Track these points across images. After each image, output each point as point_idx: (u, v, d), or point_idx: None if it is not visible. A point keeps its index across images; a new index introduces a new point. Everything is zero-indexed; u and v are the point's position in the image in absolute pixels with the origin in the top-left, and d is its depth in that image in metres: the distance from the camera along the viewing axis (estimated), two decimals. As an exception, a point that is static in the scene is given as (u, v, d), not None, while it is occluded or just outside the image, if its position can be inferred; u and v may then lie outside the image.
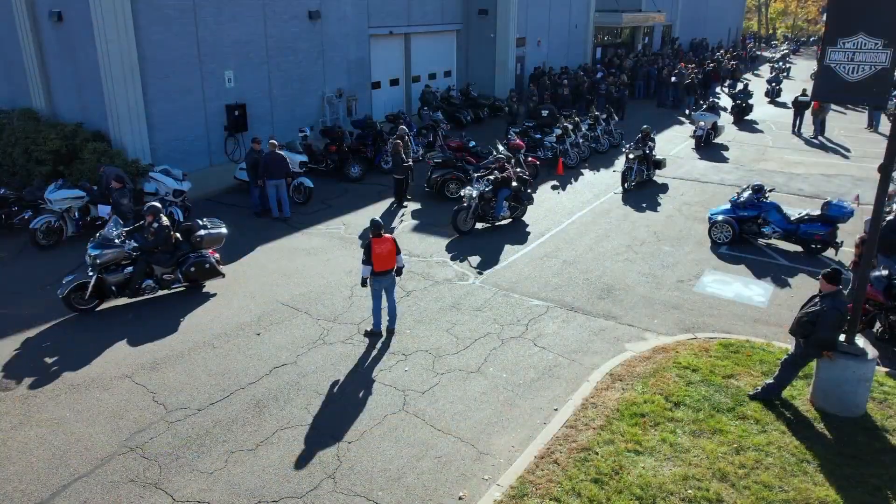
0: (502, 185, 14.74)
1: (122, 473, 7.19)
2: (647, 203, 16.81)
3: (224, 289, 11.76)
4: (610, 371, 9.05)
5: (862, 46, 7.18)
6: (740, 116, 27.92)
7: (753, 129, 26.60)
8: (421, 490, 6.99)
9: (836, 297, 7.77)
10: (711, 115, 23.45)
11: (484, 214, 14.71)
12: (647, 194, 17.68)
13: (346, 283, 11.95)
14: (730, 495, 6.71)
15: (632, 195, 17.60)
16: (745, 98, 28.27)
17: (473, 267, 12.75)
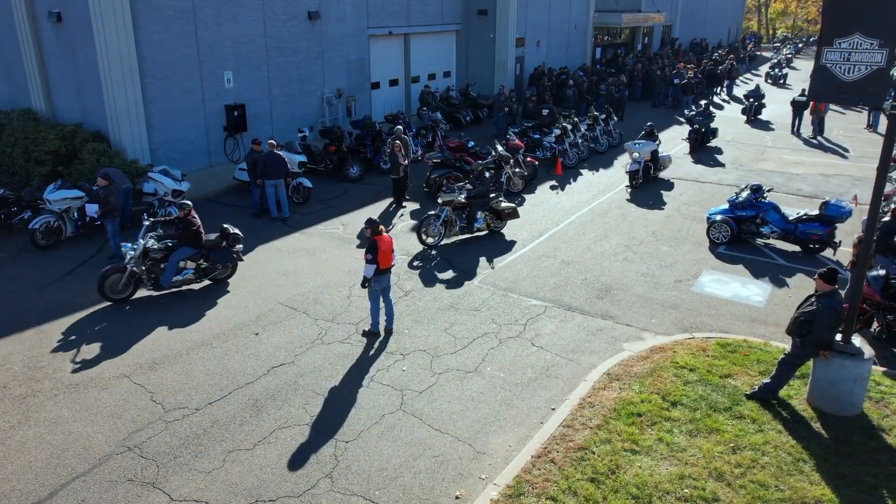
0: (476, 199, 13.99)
1: (119, 473, 7.21)
2: (650, 202, 16.83)
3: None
4: (607, 371, 9.06)
5: (858, 46, 7.19)
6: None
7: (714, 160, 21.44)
8: (418, 489, 7.01)
9: (833, 297, 7.78)
10: (648, 142, 18.70)
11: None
12: (652, 192, 17.75)
13: (344, 284, 11.97)
14: (726, 494, 6.72)
15: (637, 193, 17.67)
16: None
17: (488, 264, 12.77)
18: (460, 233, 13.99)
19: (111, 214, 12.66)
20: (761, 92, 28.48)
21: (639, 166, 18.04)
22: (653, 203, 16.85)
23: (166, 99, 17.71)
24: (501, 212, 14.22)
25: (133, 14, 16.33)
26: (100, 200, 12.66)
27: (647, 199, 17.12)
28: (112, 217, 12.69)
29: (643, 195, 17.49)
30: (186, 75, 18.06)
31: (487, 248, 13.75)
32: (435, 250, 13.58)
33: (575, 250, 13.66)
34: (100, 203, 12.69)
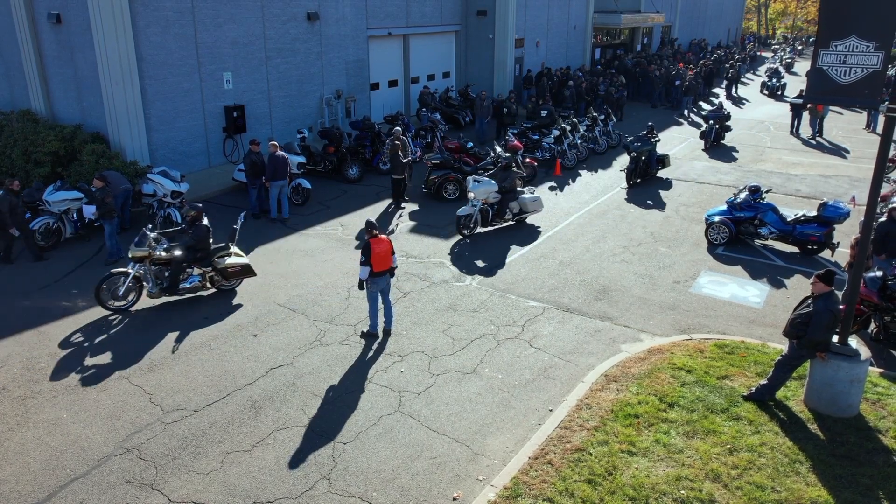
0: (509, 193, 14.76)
1: (118, 474, 7.23)
2: (647, 202, 16.84)
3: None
4: (605, 372, 9.08)
5: (854, 49, 7.21)
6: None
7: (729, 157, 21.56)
8: (416, 491, 7.03)
9: (830, 299, 7.80)
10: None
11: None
12: (650, 192, 17.82)
13: (343, 285, 11.99)
14: (722, 496, 6.75)
15: (634, 193, 17.77)
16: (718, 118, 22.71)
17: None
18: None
19: (109, 216, 12.68)
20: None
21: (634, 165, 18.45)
22: (651, 204, 16.87)
23: (165, 100, 17.74)
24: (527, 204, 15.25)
25: (132, 15, 16.36)
26: (97, 202, 12.67)
27: (646, 200, 17.14)
28: (110, 218, 12.72)
29: (642, 195, 17.50)
30: (185, 76, 18.08)
31: (487, 249, 13.78)
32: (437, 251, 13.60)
33: (573, 251, 13.69)
34: (97, 205, 12.69)
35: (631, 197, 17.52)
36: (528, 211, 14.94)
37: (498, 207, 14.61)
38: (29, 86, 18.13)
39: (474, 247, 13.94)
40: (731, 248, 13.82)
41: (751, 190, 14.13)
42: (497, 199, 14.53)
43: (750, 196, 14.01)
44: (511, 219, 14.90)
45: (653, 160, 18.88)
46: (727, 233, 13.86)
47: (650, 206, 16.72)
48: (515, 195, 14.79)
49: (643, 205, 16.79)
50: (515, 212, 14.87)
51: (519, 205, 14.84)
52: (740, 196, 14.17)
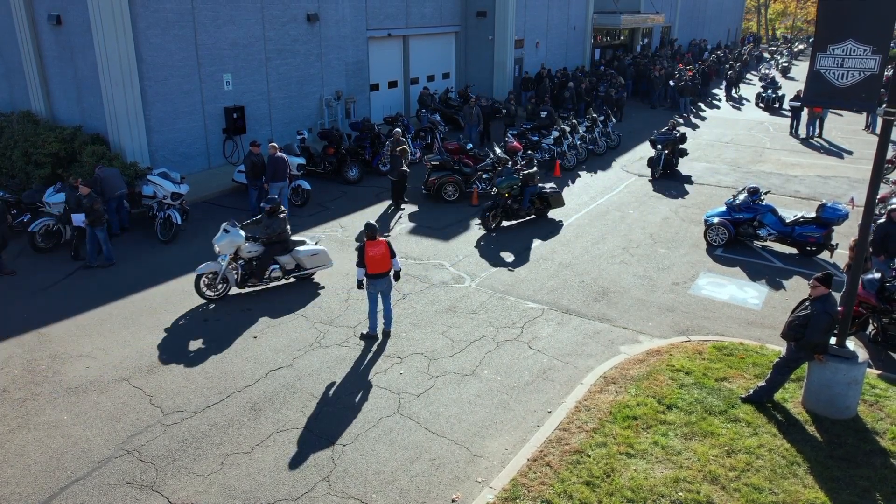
0: (529, 183, 15.10)
1: (118, 476, 7.26)
2: (648, 204, 16.87)
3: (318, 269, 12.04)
4: (603, 374, 9.11)
5: (851, 52, 7.24)
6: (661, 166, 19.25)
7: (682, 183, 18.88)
8: (415, 492, 7.06)
9: (827, 301, 7.83)
10: None
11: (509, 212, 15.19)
12: (650, 194, 17.95)
13: (342, 286, 12.02)
14: (720, 497, 6.77)
15: (656, 183, 18.65)
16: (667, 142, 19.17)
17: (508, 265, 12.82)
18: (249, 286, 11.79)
19: (98, 222, 12.49)
20: (675, 134, 19.69)
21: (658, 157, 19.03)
22: (651, 205, 16.90)
23: (165, 101, 17.77)
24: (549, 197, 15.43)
25: (132, 17, 16.39)
26: (85, 210, 12.42)
27: (645, 201, 17.17)
28: (100, 224, 12.53)
29: (641, 196, 17.54)
30: (185, 78, 18.11)
31: (485, 250, 13.80)
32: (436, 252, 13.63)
33: (572, 252, 13.71)
34: (85, 212, 12.44)
35: (655, 187, 18.42)
36: (308, 267, 11.91)
37: (258, 264, 11.52)
38: (29, 87, 18.16)
39: (474, 248, 13.96)
40: (730, 250, 13.85)
41: (750, 191, 14.15)
42: (256, 253, 11.52)
43: (749, 197, 14.03)
44: (281, 277, 11.80)
45: (676, 154, 19.42)
46: (726, 234, 13.88)
47: (649, 207, 16.73)
48: (286, 247, 11.76)
49: (642, 206, 16.81)
50: (290, 268, 11.83)
51: (294, 260, 11.82)
52: (739, 197, 14.19)
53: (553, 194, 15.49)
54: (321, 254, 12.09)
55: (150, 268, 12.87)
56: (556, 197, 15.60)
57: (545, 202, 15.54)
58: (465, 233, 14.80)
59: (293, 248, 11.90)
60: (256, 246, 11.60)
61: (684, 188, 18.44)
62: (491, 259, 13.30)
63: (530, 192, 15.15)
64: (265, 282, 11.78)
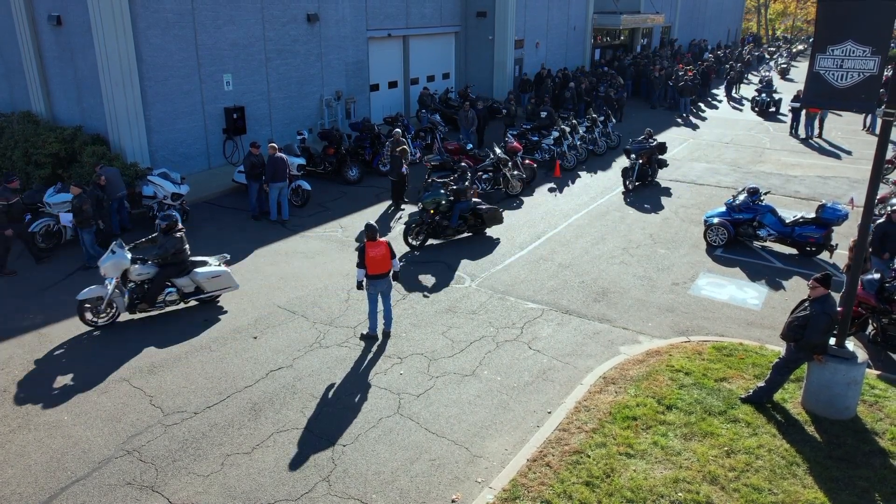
0: (460, 198, 14.02)
1: (118, 476, 7.27)
2: (647, 205, 16.87)
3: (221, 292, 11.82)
4: (603, 374, 9.12)
5: (850, 53, 7.25)
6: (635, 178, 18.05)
7: None
8: (414, 493, 7.07)
9: (827, 302, 7.84)
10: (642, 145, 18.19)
11: (437, 229, 13.86)
12: (650, 195, 17.75)
13: (342, 287, 12.03)
14: (720, 498, 6.78)
15: (632, 196, 17.65)
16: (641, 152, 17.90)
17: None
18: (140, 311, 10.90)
19: (87, 224, 12.42)
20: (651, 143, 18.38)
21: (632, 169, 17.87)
22: (650, 206, 16.91)
23: (166, 101, 17.78)
24: (483, 214, 14.22)
25: (132, 17, 16.40)
26: (73, 210, 12.35)
27: (645, 202, 17.18)
28: (88, 226, 12.46)
29: (640, 197, 17.54)
30: (185, 78, 18.12)
31: (486, 250, 13.81)
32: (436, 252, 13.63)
33: (572, 253, 13.72)
34: (73, 213, 12.39)
35: (632, 197, 17.51)
36: (208, 291, 11.01)
37: (150, 287, 10.59)
38: (29, 87, 18.17)
39: (473, 248, 13.96)
40: (730, 250, 13.86)
41: (750, 191, 14.16)
42: (148, 275, 10.59)
43: (749, 198, 14.05)
44: (179, 301, 10.94)
45: (653, 164, 18.40)
46: (726, 234, 13.89)
47: (649, 207, 16.73)
48: (183, 269, 10.83)
49: (642, 207, 16.81)
50: (189, 291, 10.92)
51: (193, 282, 10.92)
52: (739, 198, 14.20)
53: (488, 211, 14.24)
54: (223, 276, 11.10)
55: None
56: (493, 214, 14.31)
57: (479, 219, 14.30)
58: (464, 233, 14.80)
59: (192, 270, 10.87)
60: (148, 267, 10.58)
61: (660, 202, 17.12)
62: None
63: (461, 209, 13.95)
64: (159, 306, 10.77)
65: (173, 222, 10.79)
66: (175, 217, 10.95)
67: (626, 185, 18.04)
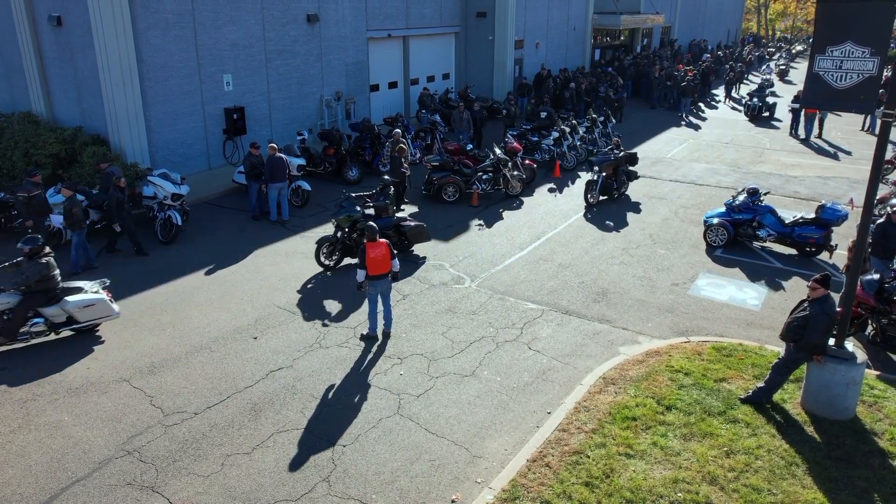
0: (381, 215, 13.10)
1: (119, 477, 7.28)
2: (608, 222, 16.73)
3: (221, 292, 11.85)
4: (603, 374, 9.13)
5: (850, 54, 7.26)
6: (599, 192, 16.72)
7: None
8: (414, 493, 7.08)
9: (826, 302, 7.85)
10: None
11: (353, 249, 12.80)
12: (612, 211, 16.33)
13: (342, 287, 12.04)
14: (719, 498, 6.79)
15: (594, 212, 16.27)
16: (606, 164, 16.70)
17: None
18: None
19: (76, 226, 12.34)
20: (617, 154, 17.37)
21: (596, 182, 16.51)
22: (650, 206, 16.92)
23: (166, 102, 17.79)
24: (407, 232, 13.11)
25: (132, 17, 16.41)
26: (64, 213, 12.26)
27: (608, 219, 17.18)
28: (78, 229, 12.39)
29: (603, 214, 17.53)
30: (186, 78, 18.13)
31: (485, 251, 13.82)
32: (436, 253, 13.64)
33: (572, 253, 13.73)
34: (64, 216, 12.30)
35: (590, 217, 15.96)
36: (81, 321, 9.99)
37: (11, 318, 9.62)
38: (29, 87, 18.18)
39: (473, 249, 13.97)
40: (730, 250, 13.87)
41: (749, 192, 14.17)
42: (8, 305, 9.63)
43: (748, 198, 14.06)
44: (48, 332, 9.96)
45: (619, 176, 17.00)
46: (725, 235, 13.90)
47: (649, 208, 16.72)
48: (52, 297, 9.83)
49: (641, 207, 16.79)
50: (60, 321, 9.93)
51: (64, 312, 9.88)
52: (739, 198, 14.21)
53: (413, 228, 13.18)
54: (99, 304, 10.00)
55: (150, 269, 12.89)
56: (418, 231, 13.27)
57: (403, 237, 13.20)
58: (464, 233, 14.82)
59: (62, 298, 9.81)
60: (10, 296, 9.57)
61: (625, 218, 15.69)
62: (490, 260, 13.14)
63: (381, 226, 12.69)
64: (23, 338, 9.74)
65: (38, 246, 9.73)
66: (40, 240, 9.86)
67: (587, 199, 16.64)
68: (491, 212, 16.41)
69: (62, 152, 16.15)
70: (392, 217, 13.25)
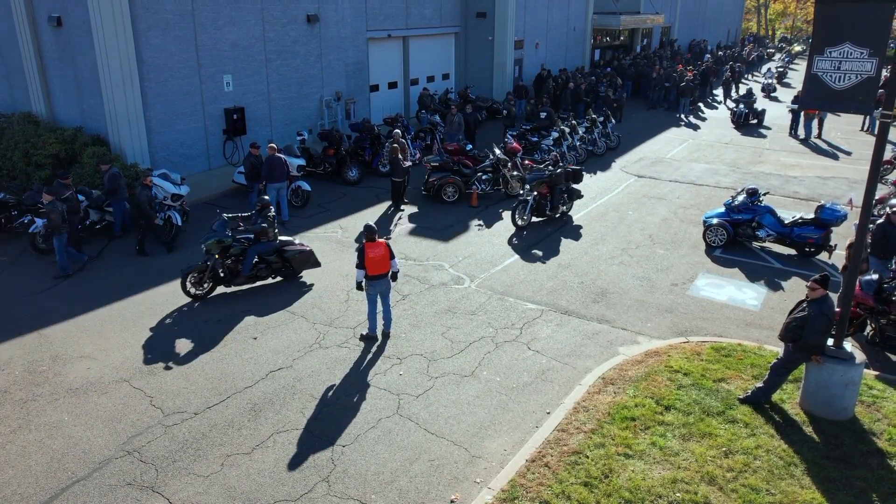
0: (260, 238, 11.82)
1: (119, 477, 7.30)
2: (646, 205, 16.86)
3: (221, 292, 11.86)
4: (602, 375, 9.15)
5: (848, 55, 7.28)
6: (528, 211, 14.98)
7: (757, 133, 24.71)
8: (414, 493, 7.09)
9: (824, 303, 7.87)
10: None
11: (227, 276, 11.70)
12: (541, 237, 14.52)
13: (342, 287, 12.05)
14: (717, 498, 6.81)
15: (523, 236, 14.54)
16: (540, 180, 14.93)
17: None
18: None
19: (57, 231, 12.26)
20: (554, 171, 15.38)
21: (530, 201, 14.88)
22: (650, 206, 16.93)
23: (166, 102, 17.81)
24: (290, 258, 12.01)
25: (132, 18, 16.43)
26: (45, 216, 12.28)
27: (645, 202, 17.20)
28: (59, 233, 12.31)
29: (532, 238, 17.52)
30: (186, 79, 18.15)
31: (485, 251, 13.83)
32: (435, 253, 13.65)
33: (571, 254, 13.74)
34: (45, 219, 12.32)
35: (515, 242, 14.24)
36: None
37: None
38: (30, 88, 18.20)
39: (473, 249, 13.99)
40: (729, 251, 13.88)
41: (749, 192, 14.18)
42: None
43: (748, 198, 14.06)
44: None
45: (555, 196, 15.19)
46: (725, 235, 13.92)
47: (648, 208, 16.72)
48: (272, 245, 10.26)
49: (641, 208, 16.79)
50: None
51: None
52: (738, 198, 14.22)
53: (298, 254, 12.06)
54: None
55: (150, 269, 12.91)
56: (303, 257, 12.14)
57: (287, 263, 12.06)
58: (464, 234, 14.84)
59: None
60: None
61: (557, 246, 13.83)
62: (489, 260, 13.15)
63: (259, 252, 11.74)
64: None
65: None
66: None
67: (514, 221, 14.81)
68: (490, 212, 16.43)
69: (62, 153, 16.17)
70: (274, 241, 11.91)
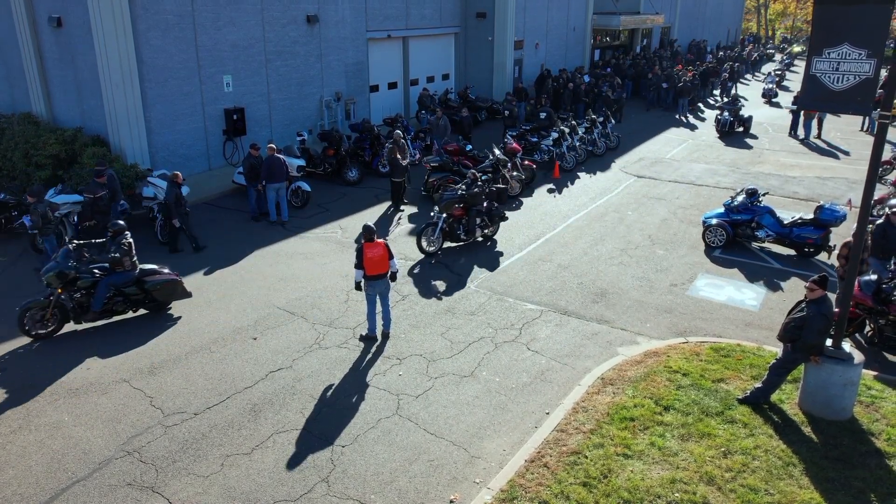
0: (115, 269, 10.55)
1: (119, 477, 7.31)
2: (646, 206, 16.88)
3: (221, 293, 11.88)
4: (601, 375, 9.16)
5: (846, 56, 7.29)
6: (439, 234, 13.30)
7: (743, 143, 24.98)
8: (413, 493, 7.11)
9: (823, 303, 7.88)
10: None
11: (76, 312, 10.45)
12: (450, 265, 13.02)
13: (342, 288, 12.07)
14: (716, 498, 6.82)
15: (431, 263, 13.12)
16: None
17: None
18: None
19: (43, 232, 12.27)
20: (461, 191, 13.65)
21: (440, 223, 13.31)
22: (649, 206, 16.94)
23: (166, 103, 17.82)
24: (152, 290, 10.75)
25: (132, 19, 16.45)
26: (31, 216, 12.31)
27: (644, 203, 17.22)
28: (45, 235, 12.31)
29: (640, 197, 17.58)
30: (186, 79, 18.16)
31: (484, 252, 13.84)
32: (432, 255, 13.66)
33: (571, 254, 13.76)
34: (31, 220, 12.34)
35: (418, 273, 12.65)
36: None
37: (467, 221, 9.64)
38: (30, 88, 18.22)
39: (472, 250, 14.00)
40: (728, 251, 13.89)
41: (748, 192, 14.19)
42: None
43: (747, 199, 14.08)
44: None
45: (471, 218, 13.52)
46: (724, 235, 13.93)
47: (648, 208, 16.73)
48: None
49: (641, 208, 16.80)
50: None
51: None
52: (738, 199, 14.24)
53: (161, 285, 10.70)
54: None
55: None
56: (168, 287, 10.77)
57: (148, 295, 10.72)
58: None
59: None
60: None
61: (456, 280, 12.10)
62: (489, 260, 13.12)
63: (113, 284, 10.43)
64: None
65: None
66: None
67: (420, 247, 13.22)
68: (490, 212, 16.42)
69: (62, 153, 16.18)
70: (131, 271, 10.58)
